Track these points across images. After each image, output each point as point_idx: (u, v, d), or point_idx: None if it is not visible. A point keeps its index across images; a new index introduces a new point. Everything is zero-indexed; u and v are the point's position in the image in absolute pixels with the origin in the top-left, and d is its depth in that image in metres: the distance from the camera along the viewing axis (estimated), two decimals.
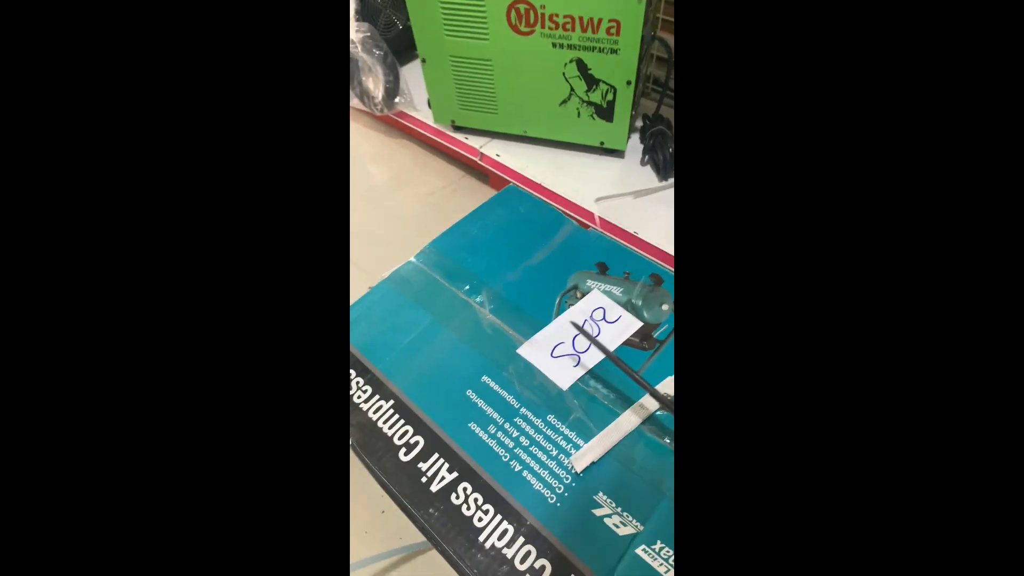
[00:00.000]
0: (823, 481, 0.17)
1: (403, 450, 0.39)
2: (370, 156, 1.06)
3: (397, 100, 0.98)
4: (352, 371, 0.44)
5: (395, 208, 0.96)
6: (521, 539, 0.35)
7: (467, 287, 0.49)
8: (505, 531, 0.35)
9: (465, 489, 0.37)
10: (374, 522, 0.60)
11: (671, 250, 0.73)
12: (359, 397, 0.42)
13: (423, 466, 0.38)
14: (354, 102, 1.02)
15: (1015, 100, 0.16)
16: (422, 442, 0.39)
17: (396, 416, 0.41)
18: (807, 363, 0.18)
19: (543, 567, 0.34)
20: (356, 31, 0.90)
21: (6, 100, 0.17)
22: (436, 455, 0.39)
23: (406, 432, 0.40)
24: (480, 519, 0.36)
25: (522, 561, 0.34)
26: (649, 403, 0.40)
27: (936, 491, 0.16)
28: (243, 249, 0.20)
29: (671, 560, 0.34)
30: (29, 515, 0.16)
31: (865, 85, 0.18)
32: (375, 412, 0.42)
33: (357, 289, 0.49)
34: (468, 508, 0.36)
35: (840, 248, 0.18)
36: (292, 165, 0.21)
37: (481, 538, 0.35)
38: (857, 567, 0.17)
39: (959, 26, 0.17)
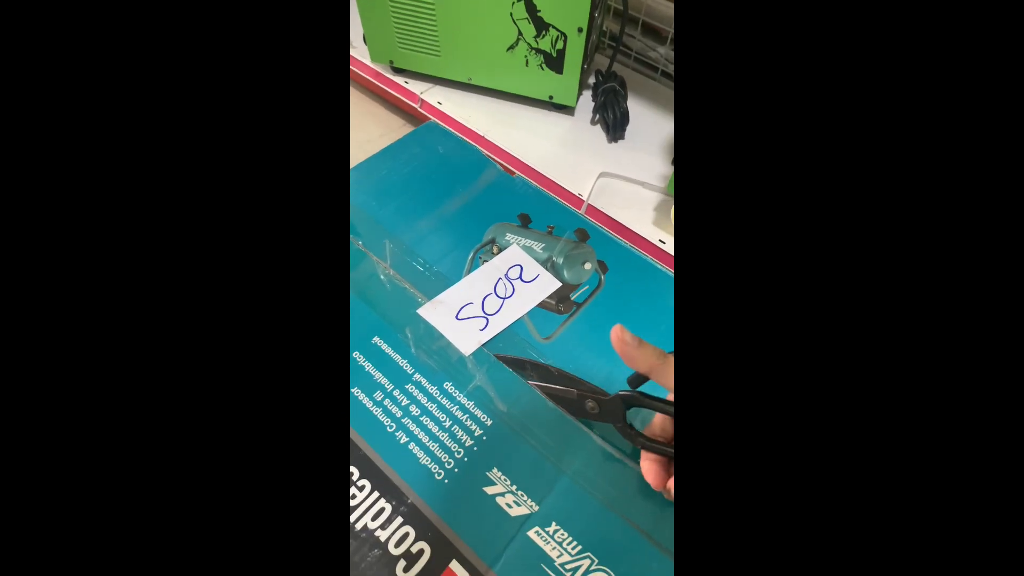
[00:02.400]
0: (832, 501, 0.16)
1: None
2: None
3: None
4: None
5: None
6: (399, 519, 0.31)
7: (367, 236, 0.43)
8: (381, 510, 0.31)
9: None
10: None
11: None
12: None
13: None
14: None
15: (1015, 100, 0.16)
16: None
17: None
18: (819, 371, 0.17)
19: (420, 551, 0.30)
20: None
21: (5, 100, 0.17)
22: None
23: None
24: (354, 496, 0.31)
25: (397, 544, 0.30)
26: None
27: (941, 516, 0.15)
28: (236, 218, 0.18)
29: (565, 543, 0.30)
30: (28, 514, 0.16)
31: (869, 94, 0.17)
32: None
33: None
34: None
35: (850, 252, 0.17)
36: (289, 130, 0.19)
37: (352, 518, 0.31)
38: None
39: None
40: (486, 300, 0.39)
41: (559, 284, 0.40)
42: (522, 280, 0.40)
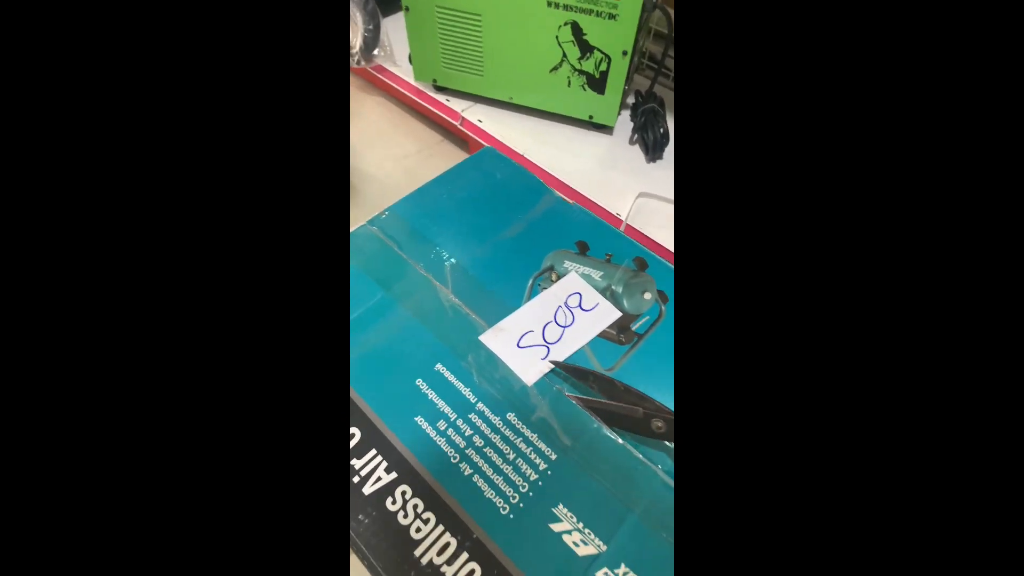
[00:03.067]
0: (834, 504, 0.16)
1: None
2: None
3: (376, 52, 0.90)
4: None
5: (365, 170, 0.89)
6: (465, 555, 0.30)
7: (428, 261, 0.43)
8: (447, 545, 0.31)
9: (404, 493, 0.32)
10: None
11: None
12: None
13: (356, 463, 0.33)
14: None
15: (1015, 100, 0.16)
16: (358, 435, 0.34)
17: None
18: (815, 372, 0.17)
19: None
20: None
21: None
22: (373, 451, 0.33)
23: None
24: (419, 529, 0.31)
25: None
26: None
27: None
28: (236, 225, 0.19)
29: None
30: (25, 516, 0.16)
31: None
32: None
33: None
34: (406, 516, 0.31)
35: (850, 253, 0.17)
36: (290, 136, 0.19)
37: (417, 552, 0.30)
38: None
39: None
40: (547, 328, 0.39)
41: (619, 314, 0.40)
42: (582, 308, 0.40)
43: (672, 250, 0.66)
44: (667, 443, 0.34)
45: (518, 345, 0.38)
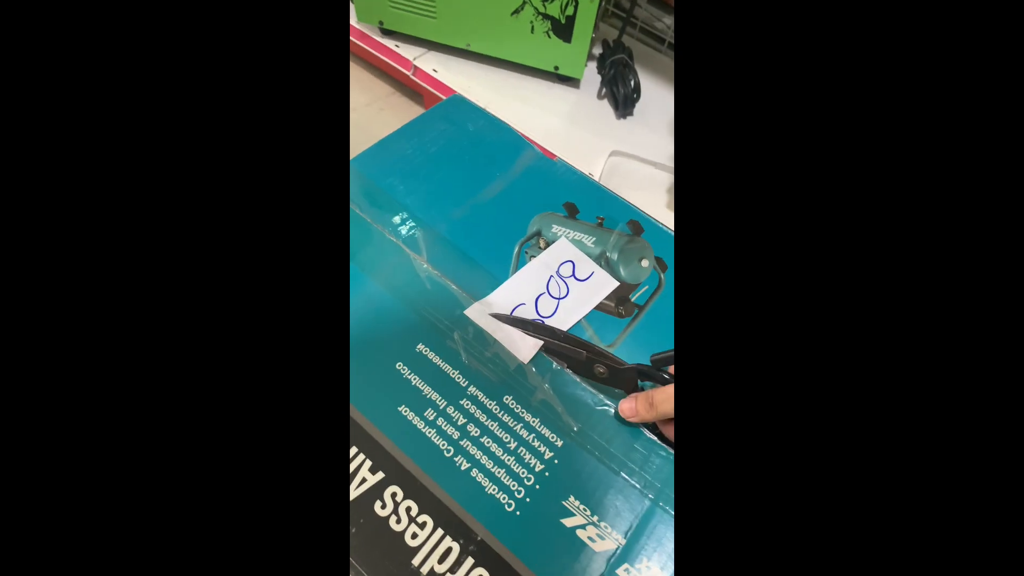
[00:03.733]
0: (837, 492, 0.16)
1: None
2: None
3: None
4: None
5: None
6: (470, 560, 0.27)
7: (396, 225, 0.37)
8: (448, 550, 0.27)
9: (394, 495, 0.28)
10: None
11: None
12: None
13: None
14: None
15: (1015, 100, 0.16)
16: None
17: None
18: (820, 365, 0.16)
19: None
20: None
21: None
22: (354, 449, 0.29)
23: None
24: (415, 535, 0.27)
25: None
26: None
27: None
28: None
29: None
30: (18, 525, 0.16)
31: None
32: None
33: None
34: (398, 521, 0.27)
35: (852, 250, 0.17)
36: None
37: (416, 561, 0.26)
38: None
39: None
40: (539, 300, 0.35)
41: (617, 283, 0.36)
42: (576, 278, 0.36)
43: (649, 214, 0.64)
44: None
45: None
